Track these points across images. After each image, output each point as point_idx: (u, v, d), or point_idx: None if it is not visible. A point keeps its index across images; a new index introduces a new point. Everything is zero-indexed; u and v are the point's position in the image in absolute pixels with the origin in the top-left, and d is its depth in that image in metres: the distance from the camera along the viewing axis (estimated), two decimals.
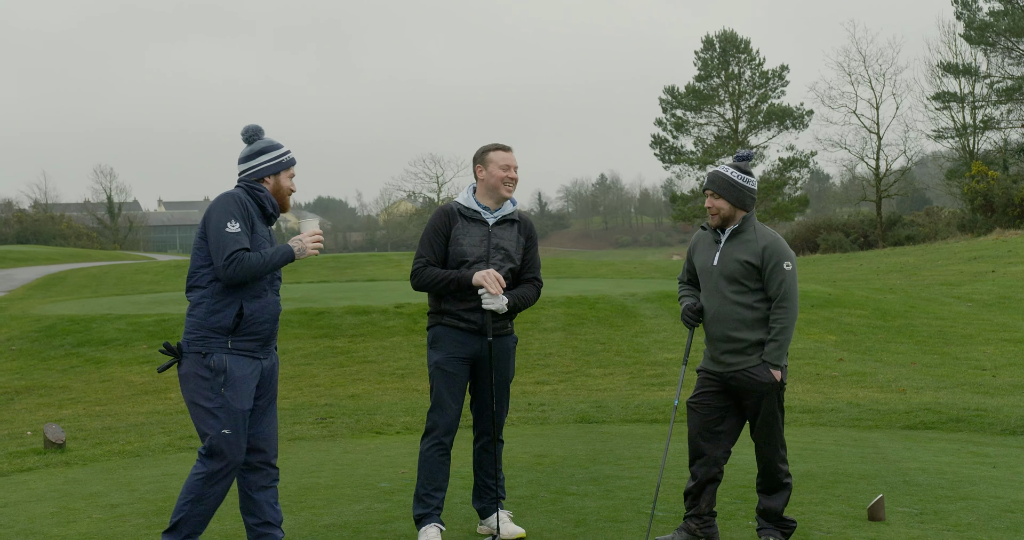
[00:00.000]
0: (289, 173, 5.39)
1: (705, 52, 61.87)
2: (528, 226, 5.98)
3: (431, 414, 5.79)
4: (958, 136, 53.65)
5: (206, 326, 5.08)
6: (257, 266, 5.05)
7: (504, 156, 5.86)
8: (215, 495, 5.11)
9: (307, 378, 14.22)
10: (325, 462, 8.28)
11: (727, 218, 5.69)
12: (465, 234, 5.78)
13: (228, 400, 5.04)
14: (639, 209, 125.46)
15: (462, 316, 5.74)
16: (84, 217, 79.80)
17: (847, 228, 51.92)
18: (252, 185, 5.28)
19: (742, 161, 5.78)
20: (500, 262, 5.78)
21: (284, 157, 5.36)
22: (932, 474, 7.41)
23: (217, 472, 5.07)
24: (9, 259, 43.31)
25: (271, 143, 5.37)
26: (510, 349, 5.94)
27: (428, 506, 5.74)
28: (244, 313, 5.10)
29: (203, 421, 5.05)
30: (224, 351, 5.06)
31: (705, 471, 5.73)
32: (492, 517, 5.88)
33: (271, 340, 5.30)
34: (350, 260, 37.16)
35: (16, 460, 8.80)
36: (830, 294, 20.58)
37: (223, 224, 5.05)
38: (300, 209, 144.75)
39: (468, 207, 5.84)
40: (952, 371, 14.12)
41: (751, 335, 5.58)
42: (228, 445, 5.05)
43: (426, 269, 5.74)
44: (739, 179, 5.67)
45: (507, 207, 5.91)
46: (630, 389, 12.79)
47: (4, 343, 17.15)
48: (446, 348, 5.76)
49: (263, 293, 5.22)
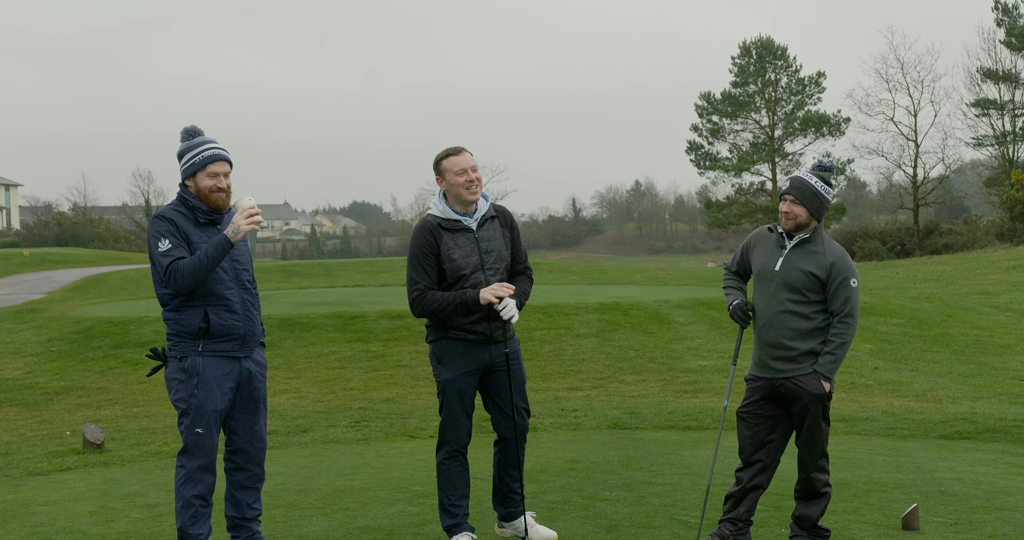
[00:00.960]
0: (207, 172, 5.26)
1: (742, 58, 61.64)
2: (508, 217, 5.87)
3: (443, 429, 5.77)
4: (997, 144, 53.14)
5: (178, 334, 5.26)
6: (195, 266, 5.08)
7: (457, 161, 5.67)
8: (199, 496, 5.24)
9: (341, 382, 14.30)
10: (359, 465, 8.34)
11: (802, 226, 5.67)
12: (454, 247, 5.62)
13: (201, 401, 5.22)
14: (674, 215, 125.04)
15: (469, 328, 5.63)
16: (122, 220, 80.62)
17: (884, 236, 51.51)
18: (183, 193, 5.33)
19: (825, 172, 5.74)
20: (494, 264, 5.69)
21: (197, 157, 5.26)
22: (967, 484, 7.36)
23: (194, 471, 5.24)
24: (49, 261, 43.80)
25: (188, 144, 5.31)
26: (518, 352, 5.88)
27: (455, 516, 5.76)
28: (211, 318, 5.21)
29: (180, 420, 5.28)
30: (197, 354, 5.23)
31: (751, 477, 5.73)
32: (518, 521, 5.87)
33: (250, 338, 5.37)
34: (384, 264, 37.33)
35: (55, 460, 8.92)
36: (866, 302, 20.44)
37: (154, 247, 5.18)
38: (335, 213, 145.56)
39: (447, 218, 5.68)
40: (989, 381, 14.00)
41: (803, 344, 5.58)
42: (201, 443, 5.24)
43: (426, 295, 5.56)
44: (821, 189, 5.65)
45: (482, 206, 5.77)
46: (663, 396, 12.77)
47: (44, 344, 17.37)
48: (455, 363, 5.67)
49: (226, 295, 5.26)
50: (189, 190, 5.31)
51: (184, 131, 5.37)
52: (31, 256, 45.19)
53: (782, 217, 5.68)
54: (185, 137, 5.36)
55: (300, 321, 17.62)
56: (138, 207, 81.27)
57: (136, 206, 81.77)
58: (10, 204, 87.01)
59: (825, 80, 60.76)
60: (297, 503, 6.91)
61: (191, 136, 5.35)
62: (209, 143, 5.31)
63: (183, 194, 5.32)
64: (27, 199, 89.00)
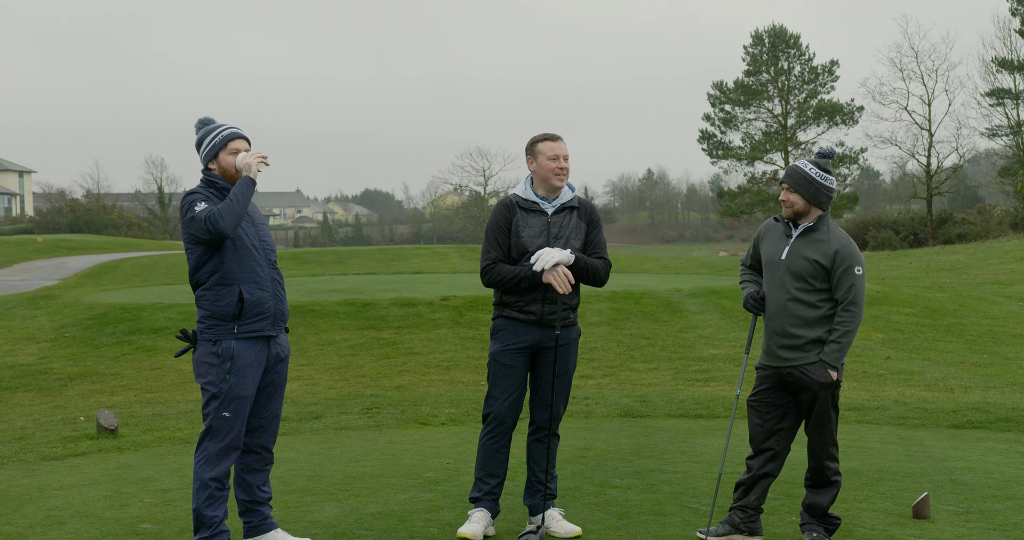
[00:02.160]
0: (228, 150, 5.45)
1: (754, 47, 61.40)
2: (589, 210, 5.94)
3: (486, 403, 5.86)
4: (1012, 133, 52.82)
5: (213, 315, 5.31)
6: (230, 206, 5.22)
7: (552, 146, 5.85)
8: (216, 479, 5.27)
9: (353, 369, 14.35)
10: (371, 452, 8.37)
11: (800, 213, 5.68)
12: (525, 226, 5.79)
13: (233, 386, 5.29)
14: (686, 204, 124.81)
15: (522, 307, 5.75)
16: (135, 207, 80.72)
17: (897, 226, 51.31)
18: (208, 177, 5.47)
19: (823, 158, 5.76)
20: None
21: (217, 138, 5.46)
22: (979, 473, 7.36)
23: (215, 454, 5.29)
24: (63, 248, 43.94)
25: (205, 129, 5.51)
26: (572, 341, 5.90)
27: (480, 491, 5.83)
28: (245, 297, 5.30)
29: (207, 403, 5.32)
30: (232, 337, 5.30)
31: (761, 464, 5.75)
32: (545, 514, 5.85)
33: (280, 317, 5.48)
34: (396, 252, 37.34)
35: (70, 445, 8.98)
36: (879, 292, 20.40)
37: (190, 212, 5.26)
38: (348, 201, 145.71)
39: (526, 199, 5.85)
40: (1002, 371, 13.97)
41: (810, 333, 5.59)
42: (227, 427, 5.30)
43: (495, 266, 5.77)
44: (817, 176, 5.66)
45: (565, 195, 5.90)
46: (674, 384, 12.78)
47: (58, 330, 17.46)
48: (504, 339, 5.79)
49: (258, 272, 5.39)
50: (213, 172, 5.46)
51: (199, 121, 5.58)
52: (45, 243, 45.35)
53: (782, 206, 5.72)
54: (200, 127, 5.56)
55: (312, 308, 17.67)
56: (151, 194, 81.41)
57: (149, 193, 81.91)
58: (24, 191, 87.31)
59: (838, 69, 60.52)
60: (309, 489, 6.95)
61: (204, 124, 5.56)
62: (224, 124, 5.54)
63: (208, 177, 5.47)
64: (40, 186, 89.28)
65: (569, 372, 5.91)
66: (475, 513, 5.79)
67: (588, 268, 5.78)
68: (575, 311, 5.91)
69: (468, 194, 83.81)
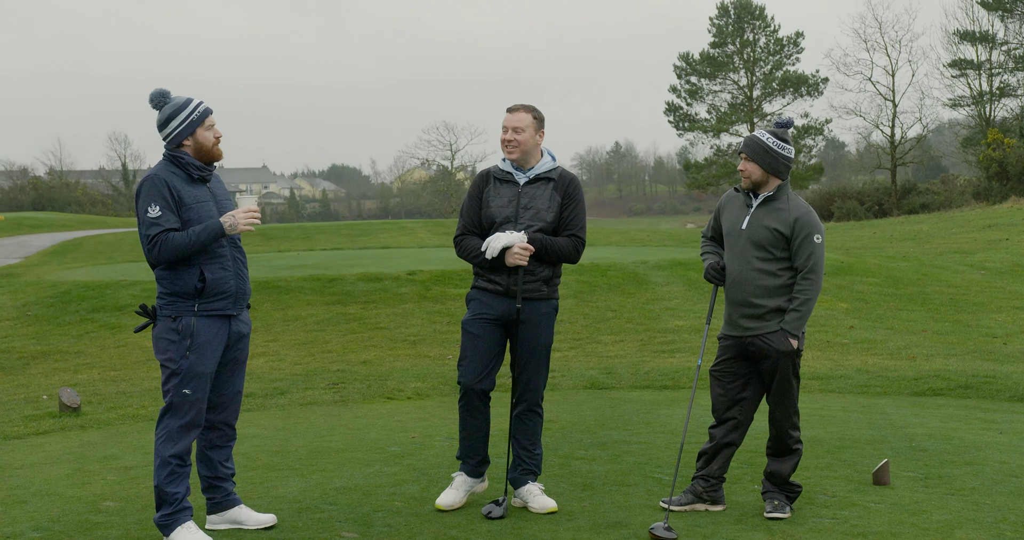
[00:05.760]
0: (205, 126, 5.36)
1: (720, 19, 61.43)
2: (566, 183, 5.82)
3: (458, 371, 5.85)
4: (974, 104, 53.30)
5: (173, 293, 5.27)
6: (183, 245, 5.16)
7: (506, 117, 5.81)
8: (176, 455, 5.25)
9: (319, 344, 14.31)
10: (336, 427, 8.36)
11: (758, 183, 5.70)
12: (496, 196, 5.79)
13: (193, 363, 5.24)
14: (653, 177, 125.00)
15: (490, 278, 5.76)
16: (99, 184, 79.96)
17: (862, 196, 51.68)
18: (172, 153, 5.35)
19: (781, 128, 5.77)
20: (530, 221, 5.70)
21: (193, 114, 5.34)
22: (939, 440, 7.46)
23: (175, 430, 5.26)
24: (25, 226, 43.48)
25: (177, 104, 5.35)
26: (543, 315, 5.78)
27: (463, 450, 5.90)
28: (206, 276, 5.26)
29: (167, 380, 5.27)
30: (192, 314, 5.25)
31: (724, 434, 5.79)
32: (523, 488, 5.85)
33: (241, 296, 5.44)
34: (363, 227, 37.18)
35: (32, 423, 8.91)
36: (842, 262, 20.56)
37: (143, 212, 5.21)
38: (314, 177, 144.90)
39: (502, 169, 5.84)
40: (963, 338, 14.13)
41: (771, 302, 5.62)
42: (187, 404, 5.26)
43: (463, 240, 5.83)
44: (774, 145, 5.67)
45: (543, 165, 5.83)
46: (640, 356, 12.84)
47: (20, 309, 17.29)
48: (474, 308, 5.80)
49: (219, 251, 5.34)
50: (183, 149, 5.34)
51: (156, 95, 5.36)
52: (7, 221, 44.84)
53: (741, 176, 5.73)
54: (159, 100, 5.35)
55: (278, 284, 17.59)
56: (115, 171, 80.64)
57: (113, 170, 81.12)
58: None
59: (803, 40, 60.71)
60: (273, 465, 6.93)
61: (164, 98, 5.36)
62: (193, 100, 5.39)
63: (173, 154, 5.33)
64: (2, 164, 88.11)
65: (540, 346, 5.80)
66: (457, 478, 5.89)
67: (548, 247, 5.69)
68: (549, 284, 5.79)
69: (436, 168, 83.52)
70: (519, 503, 5.87)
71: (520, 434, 5.88)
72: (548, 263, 5.77)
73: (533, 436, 5.89)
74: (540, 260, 5.73)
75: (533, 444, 5.89)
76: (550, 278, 5.80)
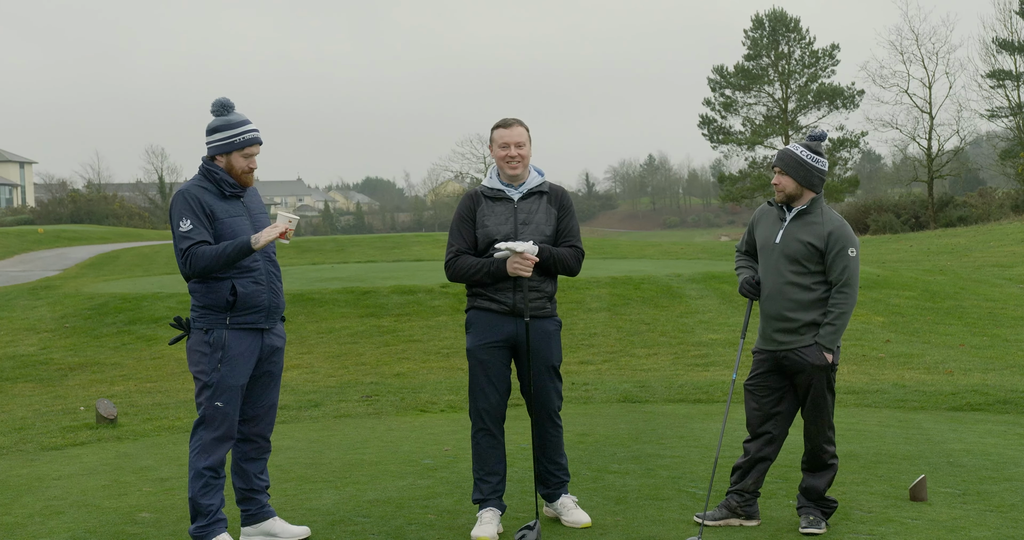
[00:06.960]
0: (244, 153, 5.36)
1: (754, 31, 61.21)
2: (559, 195, 5.78)
3: (470, 401, 5.75)
4: (1013, 115, 52.68)
5: (206, 306, 5.31)
6: (211, 258, 5.19)
7: (503, 134, 5.69)
8: (210, 468, 5.28)
9: (353, 356, 14.36)
10: (370, 439, 8.38)
11: (792, 196, 5.68)
12: (490, 214, 5.69)
13: (224, 375, 5.28)
14: (687, 190, 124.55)
15: (494, 297, 5.63)
16: (136, 197, 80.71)
17: (898, 209, 51.22)
18: (208, 167, 5.38)
19: (814, 141, 5.74)
20: (530, 236, 5.64)
21: (236, 138, 5.33)
22: (976, 455, 7.37)
23: (209, 443, 5.29)
24: (63, 238, 43.94)
25: (228, 121, 5.35)
26: (551, 332, 5.73)
27: (483, 492, 5.71)
28: (238, 290, 5.28)
29: (200, 392, 5.32)
30: (223, 327, 5.29)
31: (758, 448, 5.76)
32: (557, 502, 5.82)
33: (275, 309, 5.46)
34: (397, 240, 37.34)
35: (69, 434, 8.99)
36: (879, 275, 20.39)
37: (176, 225, 5.27)
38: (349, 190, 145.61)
39: (491, 187, 5.73)
40: (1001, 353, 13.97)
41: (805, 316, 5.59)
42: (220, 416, 5.30)
43: (458, 259, 5.66)
44: (808, 158, 5.65)
45: (533, 180, 5.77)
46: (674, 369, 12.79)
47: (58, 320, 17.47)
48: (479, 333, 5.67)
49: (253, 266, 5.36)
50: (217, 164, 5.36)
51: (217, 104, 5.39)
52: (46, 233, 45.34)
53: (775, 190, 5.70)
54: (219, 110, 5.38)
55: (312, 296, 17.67)
56: (152, 184, 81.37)
57: (150, 183, 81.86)
58: (25, 182, 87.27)
59: (839, 52, 60.31)
60: (308, 476, 6.96)
61: (225, 110, 5.38)
62: (248, 124, 5.39)
63: (208, 168, 5.37)
64: (41, 176, 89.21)
65: (552, 363, 5.73)
66: (484, 513, 5.66)
67: (554, 258, 5.66)
68: (551, 301, 5.75)
69: (469, 181, 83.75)
70: (551, 514, 5.85)
71: (544, 449, 5.81)
72: (551, 277, 5.74)
73: (557, 448, 5.84)
74: (547, 273, 5.69)
75: (559, 456, 5.84)
76: (552, 295, 5.77)
